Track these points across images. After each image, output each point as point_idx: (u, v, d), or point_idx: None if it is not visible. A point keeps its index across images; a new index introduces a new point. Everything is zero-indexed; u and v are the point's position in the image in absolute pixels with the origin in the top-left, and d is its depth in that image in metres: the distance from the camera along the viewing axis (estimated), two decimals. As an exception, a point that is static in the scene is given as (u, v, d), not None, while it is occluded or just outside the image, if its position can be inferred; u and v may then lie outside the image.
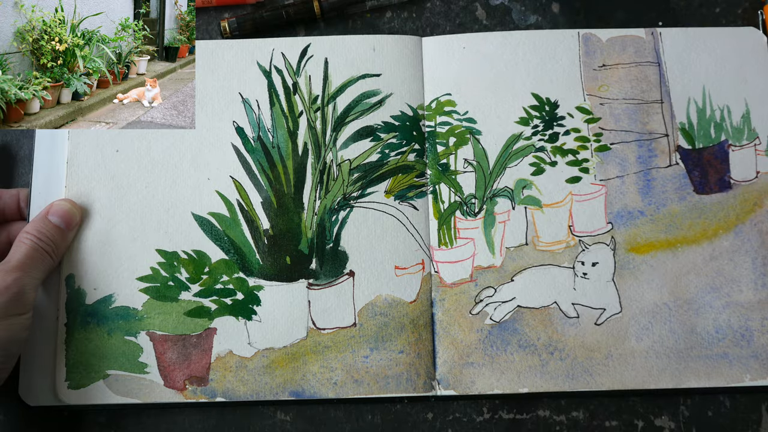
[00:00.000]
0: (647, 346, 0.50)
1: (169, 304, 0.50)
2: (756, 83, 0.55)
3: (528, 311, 0.50)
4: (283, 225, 0.51)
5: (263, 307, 0.50)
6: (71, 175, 0.51)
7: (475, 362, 0.49)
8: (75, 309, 0.49)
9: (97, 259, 0.50)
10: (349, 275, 0.51)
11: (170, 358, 0.49)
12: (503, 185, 0.52)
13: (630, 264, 0.51)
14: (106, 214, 0.51)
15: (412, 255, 0.51)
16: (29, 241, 0.47)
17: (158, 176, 0.52)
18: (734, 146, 0.54)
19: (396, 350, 0.49)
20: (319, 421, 0.50)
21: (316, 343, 0.50)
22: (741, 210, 0.52)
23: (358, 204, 0.52)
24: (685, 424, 0.50)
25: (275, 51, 0.54)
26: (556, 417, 0.50)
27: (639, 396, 0.50)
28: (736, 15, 0.57)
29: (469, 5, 0.57)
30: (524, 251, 0.52)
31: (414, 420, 0.50)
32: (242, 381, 0.49)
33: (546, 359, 0.50)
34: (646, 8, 0.57)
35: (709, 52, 0.55)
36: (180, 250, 0.51)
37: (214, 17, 0.57)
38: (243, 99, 0.53)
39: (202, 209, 0.51)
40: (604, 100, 0.54)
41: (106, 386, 0.48)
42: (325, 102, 0.53)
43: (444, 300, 0.50)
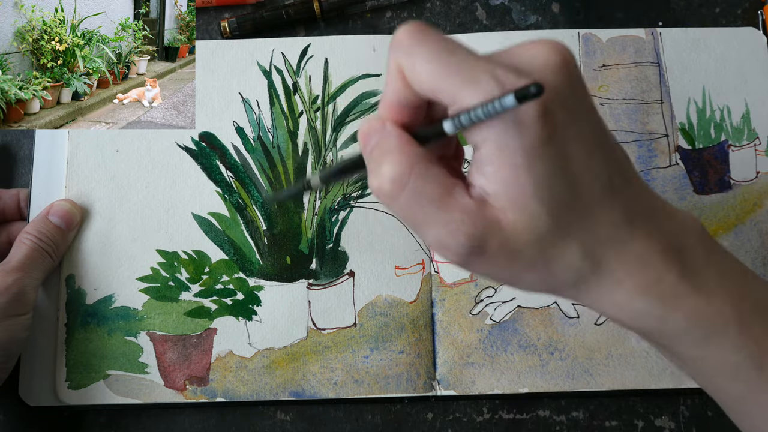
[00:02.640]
0: (647, 346, 0.50)
1: (170, 304, 0.50)
2: (756, 83, 0.55)
3: (528, 311, 0.50)
4: (283, 225, 0.51)
5: (263, 307, 0.50)
6: (71, 175, 0.51)
7: (475, 362, 0.49)
8: (75, 309, 0.49)
9: (97, 259, 0.50)
10: (350, 275, 0.51)
11: (170, 359, 0.49)
12: (503, 185, 0.52)
13: (630, 264, 0.51)
14: (106, 214, 0.51)
15: (412, 255, 0.51)
16: (29, 242, 0.47)
17: (158, 176, 0.52)
18: (734, 146, 0.54)
19: (396, 350, 0.49)
20: (319, 421, 0.50)
21: (316, 343, 0.50)
22: (741, 210, 0.52)
23: (359, 204, 0.52)
24: (685, 424, 0.50)
25: (275, 51, 0.54)
26: (556, 417, 0.50)
27: (639, 396, 0.50)
28: (736, 15, 0.57)
29: (469, 5, 0.57)
30: (524, 251, 0.51)
31: (414, 420, 0.50)
32: (242, 381, 0.49)
33: (546, 359, 0.50)
34: (646, 8, 0.57)
35: (709, 52, 0.55)
36: (180, 251, 0.51)
37: (214, 17, 0.57)
38: (243, 99, 0.53)
39: (202, 209, 0.51)
40: (604, 100, 0.54)
41: (106, 386, 0.48)
42: (325, 102, 0.53)
43: (444, 300, 0.50)
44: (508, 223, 0.29)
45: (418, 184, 0.29)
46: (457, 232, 0.29)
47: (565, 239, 0.30)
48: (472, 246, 0.29)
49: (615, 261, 0.31)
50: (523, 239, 0.29)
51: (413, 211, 0.30)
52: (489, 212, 0.29)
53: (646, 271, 0.31)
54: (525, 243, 0.29)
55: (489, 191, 0.29)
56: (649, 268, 0.31)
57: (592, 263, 0.30)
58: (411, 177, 0.29)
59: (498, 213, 0.29)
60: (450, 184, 0.29)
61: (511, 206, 0.29)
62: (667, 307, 0.31)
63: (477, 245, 0.29)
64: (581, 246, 0.30)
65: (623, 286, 0.31)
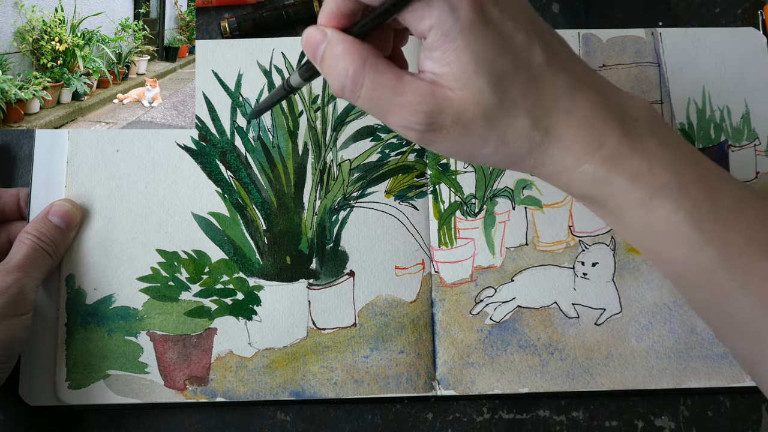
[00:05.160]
0: (647, 346, 0.50)
1: (170, 304, 0.50)
2: (756, 83, 0.55)
3: (528, 311, 0.50)
4: (283, 225, 0.51)
5: (263, 307, 0.50)
6: (71, 175, 0.51)
7: (475, 362, 0.49)
8: (75, 309, 0.49)
9: (97, 259, 0.50)
10: (350, 275, 0.51)
11: (170, 358, 0.49)
12: (503, 185, 0.52)
13: (630, 264, 0.51)
14: (106, 214, 0.51)
15: (413, 255, 0.51)
16: (29, 241, 0.47)
17: (158, 176, 0.52)
18: (734, 147, 0.54)
19: (396, 350, 0.49)
20: (319, 421, 0.50)
21: (316, 343, 0.50)
22: (741, 210, 0.52)
23: (359, 204, 0.52)
24: (685, 424, 0.50)
25: (275, 51, 0.54)
26: (556, 417, 0.50)
27: (639, 396, 0.50)
28: (736, 15, 0.57)
29: (469, 5, 0.57)
30: (524, 251, 0.52)
31: (414, 420, 0.50)
32: (242, 381, 0.49)
33: (546, 359, 0.50)
34: (646, 8, 0.57)
35: (709, 52, 0.55)
36: (180, 250, 0.51)
37: (214, 17, 0.57)
38: (243, 99, 0.53)
39: (202, 209, 0.51)
40: (604, 100, 0.54)
41: (106, 386, 0.48)
42: (325, 102, 0.53)
43: (444, 300, 0.50)
44: (457, 99, 0.33)
45: (373, 76, 0.33)
46: (414, 112, 0.33)
47: (512, 111, 0.33)
48: (429, 122, 0.33)
49: (561, 127, 0.34)
50: (472, 113, 0.33)
51: (375, 101, 0.34)
52: (440, 91, 0.33)
53: (590, 135, 0.34)
54: (475, 116, 0.33)
55: (438, 72, 0.33)
56: (593, 132, 0.34)
57: (541, 132, 0.34)
58: (366, 70, 0.33)
59: (448, 91, 0.33)
60: (401, 72, 0.34)
61: (458, 84, 0.33)
62: (610, 169, 0.34)
63: (433, 121, 0.33)
64: (529, 116, 0.33)
65: (571, 151, 0.34)
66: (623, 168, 0.34)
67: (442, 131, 0.34)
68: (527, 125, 0.34)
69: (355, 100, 0.35)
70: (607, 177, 0.34)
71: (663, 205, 0.34)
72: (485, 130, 0.33)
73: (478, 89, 0.33)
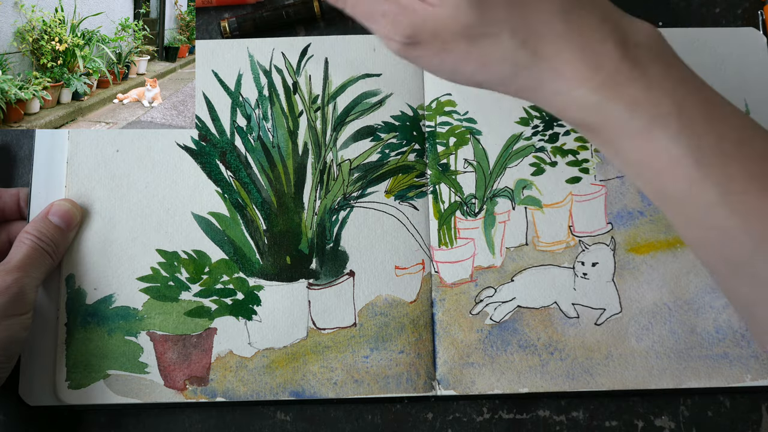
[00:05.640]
0: (647, 346, 0.50)
1: (170, 304, 0.50)
2: (756, 83, 0.54)
3: (528, 311, 0.50)
4: (283, 225, 0.51)
5: (263, 307, 0.50)
6: (71, 175, 0.51)
7: (475, 362, 0.49)
8: (75, 309, 0.49)
9: (97, 259, 0.50)
10: (349, 275, 0.51)
11: (170, 358, 0.49)
12: (503, 185, 0.52)
13: (630, 264, 0.51)
14: (106, 214, 0.51)
15: (413, 255, 0.51)
16: (29, 241, 0.47)
17: (158, 176, 0.52)
18: (734, 146, 0.54)
19: (396, 350, 0.49)
20: (319, 421, 0.50)
21: (316, 343, 0.50)
22: (741, 210, 0.52)
23: (359, 204, 0.52)
24: (685, 424, 0.50)
25: (275, 51, 0.54)
26: (556, 417, 0.50)
27: (639, 396, 0.50)
28: (736, 15, 0.57)
29: (469, 5, 0.57)
30: (524, 251, 0.52)
31: (414, 420, 0.50)
32: (242, 381, 0.49)
33: (546, 359, 0.50)
34: (646, 8, 0.57)
35: (709, 52, 0.55)
36: (180, 250, 0.51)
37: (214, 17, 0.57)
38: (243, 99, 0.53)
39: (202, 209, 0.51)
40: (604, 100, 0.54)
41: (106, 386, 0.48)
42: (325, 102, 0.53)
43: (444, 300, 0.50)
44: (436, 15, 0.34)
45: None
46: (394, 22, 0.34)
47: (494, 30, 0.33)
48: (408, 35, 0.34)
49: (551, 49, 0.33)
50: (450, 29, 0.34)
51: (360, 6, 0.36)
52: (421, 7, 0.34)
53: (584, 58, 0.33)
54: (453, 33, 0.34)
55: None
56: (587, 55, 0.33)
57: (529, 53, 0.33)
58: None
59: (429, 8, 0.34)
60: None
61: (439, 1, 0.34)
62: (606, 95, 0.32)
63: (412, 33, 0.34)
64: (514, 36, 0.33)
65: (562, 75, 0.33)
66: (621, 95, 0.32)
67: (421, 45, 0.34)
68: (511, 46, 0.33)
69: (343, 5, 0.37)
70: (602, 104, 0.32)
71: (662, 135, 0.32)
72: (465, 47, 0.34)
73: (456, 5, 0.33)
